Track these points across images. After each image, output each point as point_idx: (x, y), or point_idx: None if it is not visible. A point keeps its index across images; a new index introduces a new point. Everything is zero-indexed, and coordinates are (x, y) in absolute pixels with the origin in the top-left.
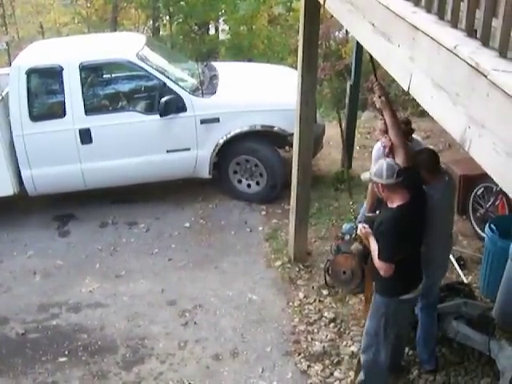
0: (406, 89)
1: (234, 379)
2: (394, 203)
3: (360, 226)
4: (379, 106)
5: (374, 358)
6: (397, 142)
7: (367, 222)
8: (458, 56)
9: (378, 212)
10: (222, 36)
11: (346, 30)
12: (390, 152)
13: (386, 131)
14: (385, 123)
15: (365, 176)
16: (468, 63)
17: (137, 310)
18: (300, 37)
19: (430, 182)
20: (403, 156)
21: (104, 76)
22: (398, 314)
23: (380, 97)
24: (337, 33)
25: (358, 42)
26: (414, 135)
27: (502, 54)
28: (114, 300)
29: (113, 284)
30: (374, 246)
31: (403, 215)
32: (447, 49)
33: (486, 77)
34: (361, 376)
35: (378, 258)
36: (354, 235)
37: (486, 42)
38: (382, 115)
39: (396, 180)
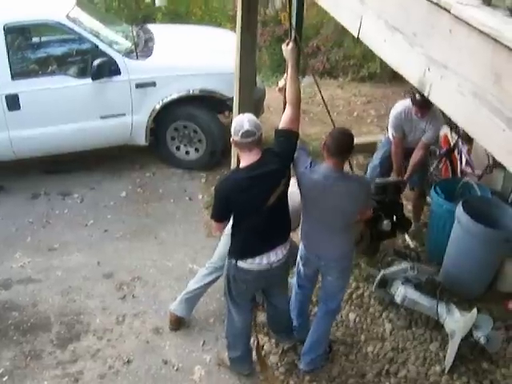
0: (355, 35)
1: (175, 353)
2: (241, 164)
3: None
4: (286, 56)
5: (227, 317)
6: (290, 99)
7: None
8: None
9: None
10: (158, 2)
11: None
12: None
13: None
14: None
15: None
16: None
17: (71, 285)
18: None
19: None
20: (289, 116)
21: (32, 38)
22: (236, 281)
23: (288, 44)
24: None
25: (297, 6)
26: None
27: None
28: (46, 274)
29: (45, 258)
30: None
31: (232, 178)
32: None
33: (448, 11)
34: None
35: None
36: None
37: None
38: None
39: (240, 140)
